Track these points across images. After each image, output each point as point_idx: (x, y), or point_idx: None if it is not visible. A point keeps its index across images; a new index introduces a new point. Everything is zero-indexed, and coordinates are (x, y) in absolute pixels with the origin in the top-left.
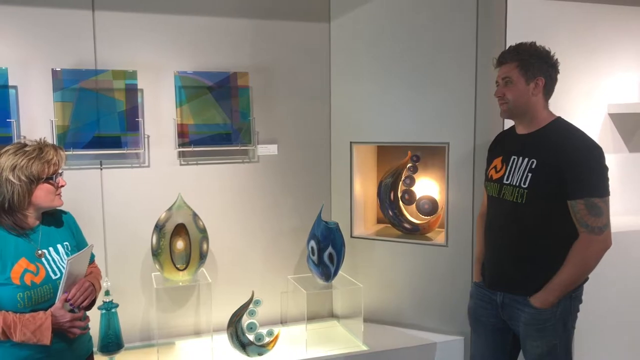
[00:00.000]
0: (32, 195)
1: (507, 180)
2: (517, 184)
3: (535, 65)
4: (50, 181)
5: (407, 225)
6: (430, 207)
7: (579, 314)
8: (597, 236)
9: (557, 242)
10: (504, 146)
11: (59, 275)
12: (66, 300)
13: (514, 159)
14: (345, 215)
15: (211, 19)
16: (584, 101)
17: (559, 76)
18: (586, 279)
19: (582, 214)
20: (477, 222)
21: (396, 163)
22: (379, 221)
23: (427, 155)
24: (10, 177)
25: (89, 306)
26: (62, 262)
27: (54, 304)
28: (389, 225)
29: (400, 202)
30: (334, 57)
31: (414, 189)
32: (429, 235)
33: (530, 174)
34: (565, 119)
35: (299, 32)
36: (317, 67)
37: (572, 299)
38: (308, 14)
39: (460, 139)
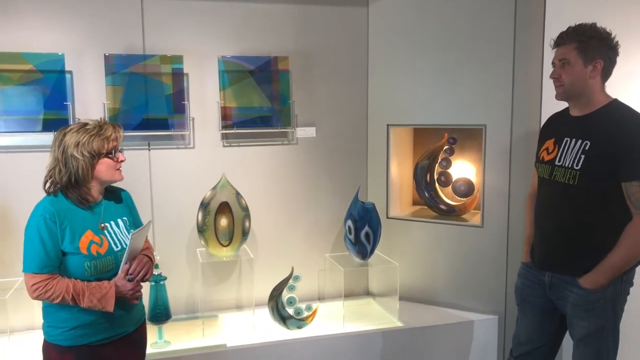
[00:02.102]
0: (94, 169)
1: (559, 162)
2: (570, 166)
3: (595, 48)
4: (110, 156)
5: (442, 207)
6: (466, 189)
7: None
8: None
9: (608, 225)
10: (556, 128)
11: (119, 247)
12: (127, 273)
13: (567, 140)
14: (381, 197)
15: (253, 5)
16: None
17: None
18: (638, 262)
19: (637, 196)
20: (527, 204)
21: (433, 145)
22: (414, 203)
23: (464, 137)
24: (75, 153)
25: (147, 278)
26: (122, 235)
27: (115, 273)
28: (425, 206)
29: (437, 184)
30: (372, 41)
31: (450, 171)
32: (464, 216)
33: (583, 156)
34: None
35: (338, 17)
36: (355, 51)
37: (623, 281)
38: None
39: (498, 121)
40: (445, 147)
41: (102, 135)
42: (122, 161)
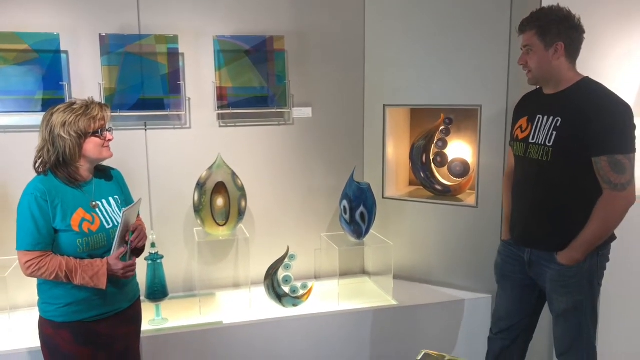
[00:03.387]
0: (82, 148)
1: (532, 139)
2: (543, 143)
3: (553, 31)
4: (98, 135)
5: (438, 187)
6: (461, 169)
7: (609, 273)
8: (620, 192)
9: (582, 199)
10: (529, 106)
11: (111, 225)
12: (126, 242)
13: (539, 118)
14: (377, 177)
15: None
16: (622, 64)
17: (596, 38)
18: (613, 237)
19: (606, 170)
20: (503, 182)
21: (429, 126)
22: (410, 183)
23: (460, 118)
24: (62, 133)
25: (140, 251)
26: (114, 213)
27: (107, 250)
28: (421, 187)
29: (432, 164)
30: (369, 21)
31: (446, 151)
32: (459, 196)
33: (555, 132)
34: (602, 81)
35: None
36: (352, 31)
37: (599, 256)
38: None
39: (493, 101)
40: (442, 127)
41: (89, 115)
42: (109, 140)
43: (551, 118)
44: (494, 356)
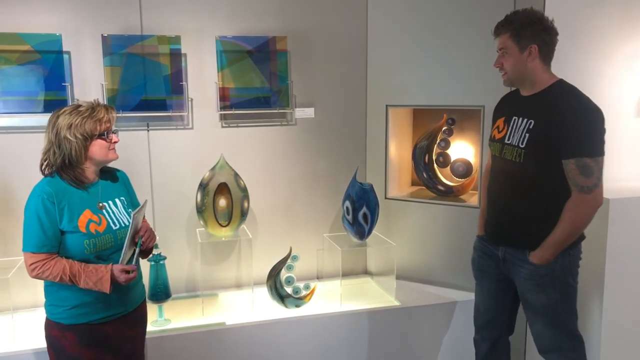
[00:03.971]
0: (88, 151)
1: (508, 140)
2: (516, 144)
3: (527, 33)
4: (103, 137)
5: (441, 188)
6: (464, 170)
7: (616, 272)
8: (587, 195)
9: (553, 201)
10: (507, 107)
11: (118, 226)
12: (135, 244)
13: (515, 119)
14: (380, 177)
15: None
16: (627, 65)
17: (602, 40)
18: (583, 237)
19: (574, 173)
20: (482, 180)
21: (431, 126)
22: (413, 183)
23: (463, 118)
24: (68, 135)
25: (149, 252)
26: (120, 214)
27: (114, 251)
28: (423, 187)
29: (435, 165)
30: (371, 21)
31: (448, 151)
32: (462, 197)
33: (528, 134)
34: (606, 82)
35: None
36: (354, 31)
37: (570, 256)
38: None
39: (496, 102)
40: (444, 127)
41: (95, 117)
42: (115, 142)
43: (525, 120)
44: (482, 356)
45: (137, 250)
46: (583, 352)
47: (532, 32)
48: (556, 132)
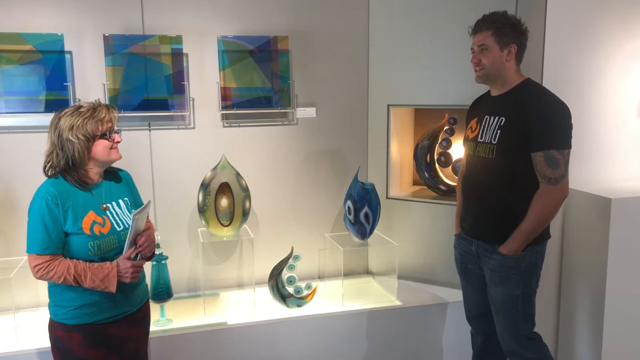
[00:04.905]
0: (90, 151)
1: (480, 138)
2: (489, 141)
3: (509, 33)
4: (106, 137)
5: (442, 187)
6: None
7: (615, 273)
8: (554, 186)
9: (523, 194)
10: (479, 108)
11: (122, 227)
12: (130, 257)
13: (487, 118)
14: (381, 177)
15: None
16: (629, 64)
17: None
18: (548, 235)
19: (541, 165)
20: (457, 180)
21: (433, 126)
22: (414, 183)
23: (464, 118)
24: (70, 137)
25: (149, 258)
26: (124, 215)
27: (118, 253)
28: (425, 187)
29: (436, 164)
30: (373, 21)
31: (450, 151)
32: None
33: (499, 131)
34: (606, 82)
35: None
36: (356, 30)
37: (537, 252)
38: None
39: None
40: (446, 127)
41: (96, 118)
42: (118, 142)
43: (497, 118)
44: (477, 352)
45: (136, 250)
46: (545, 353)
47: (512, 33)
48: (525, 126)
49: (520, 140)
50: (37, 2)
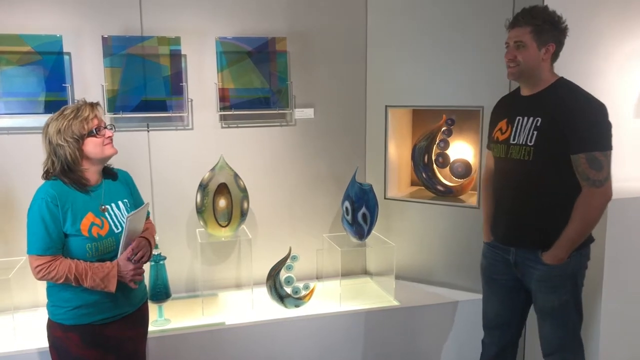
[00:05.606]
0: (82, 151)
1: (513, 140)
2: (524, 143)
3: (548, 32)
4: (94, 134)
5: (440, 188)
6: (463, 170)
7: (611, 274)
8: (598, 189)
9: (563, 197)
10: (507, 108)
11: (120, 229)
12: (130, 255)
13: (519, 119)
14: (379, 178)
15: None
16: (627, 63)
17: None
18: (592, 239)
19: (584, 167)
20: (482, 186)
21: (431, 126)
22: (412, 184)
23: (462, 118)
24: (59, 141)
25: (146, 260)
26: (123, 217)
27: (116, 254)
28: (422, 187)
29: (434, 165)
30: (370, 22)
31: (448, 152)
32: (461, 197)
33: (535, 132)
34: (605, 82)
35: None
36: (354, 31)
37: (581, 256)
38: None
39: (495, 102)
40: (444, 128)
41: (80, 117)
42: (109, 137)
43: (531, 118)
44: (487, 358)
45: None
46: (582, 356)
47: (552, 31)
48: (565, 127)
49: (559, 141)
50: (36, 3)
